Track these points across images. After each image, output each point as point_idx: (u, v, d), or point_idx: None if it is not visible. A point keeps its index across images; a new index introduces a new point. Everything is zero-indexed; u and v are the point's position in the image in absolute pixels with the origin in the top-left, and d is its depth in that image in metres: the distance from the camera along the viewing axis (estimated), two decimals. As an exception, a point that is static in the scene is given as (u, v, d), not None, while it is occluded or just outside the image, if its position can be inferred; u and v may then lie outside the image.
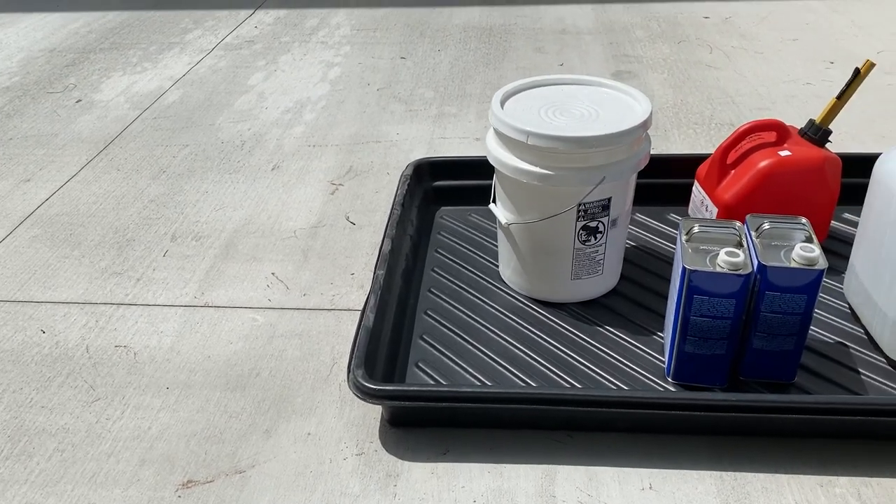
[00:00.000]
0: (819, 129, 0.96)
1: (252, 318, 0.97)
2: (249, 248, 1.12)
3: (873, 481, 0.72)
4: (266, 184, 1.28)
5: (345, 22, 2.06)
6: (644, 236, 1.09)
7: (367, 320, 0.83)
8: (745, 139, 0.97)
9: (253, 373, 0.89)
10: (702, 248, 0.79)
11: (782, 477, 0.73)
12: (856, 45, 1.74)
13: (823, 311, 0.92)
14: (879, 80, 1.57)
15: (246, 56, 1.85)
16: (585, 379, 0.84)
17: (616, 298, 0.97)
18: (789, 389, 0.81)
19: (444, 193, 1.18)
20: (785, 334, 0.79)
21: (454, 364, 0.87)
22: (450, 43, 1.88)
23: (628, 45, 1.81)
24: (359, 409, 0.82)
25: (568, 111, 0.91)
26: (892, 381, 0.82)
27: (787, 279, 0.75)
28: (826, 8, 2.00)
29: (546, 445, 0.78)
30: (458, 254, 1.07)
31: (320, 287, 1.02)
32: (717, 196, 0.98)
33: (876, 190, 0.84)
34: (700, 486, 0.73)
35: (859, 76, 0.94)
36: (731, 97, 1.51)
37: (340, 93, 1.62)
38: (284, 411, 0.83)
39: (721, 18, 1.96)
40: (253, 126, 1.49)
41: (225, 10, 2.19)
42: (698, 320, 0.78)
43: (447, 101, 1.56)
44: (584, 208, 0.89)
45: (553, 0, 2.17)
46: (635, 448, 0.77)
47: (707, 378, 0.82)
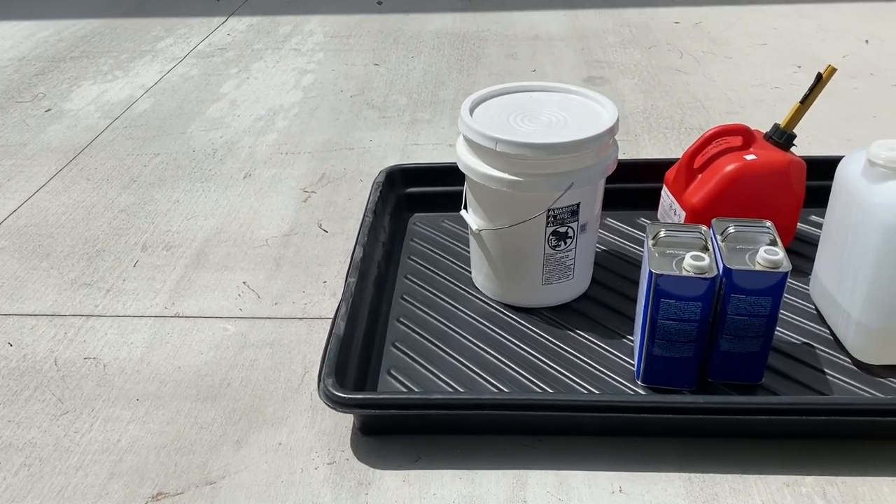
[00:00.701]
0: (784, 134, 0.98)
1: (223, 328, 0.97)
2: (221, 257, 1.11)
3: (838, 480, 0.73)
4: (238, 192, 1.28)
5: (318, 29, 2.06)
6: (615, 240, 1.10)
7: (338, 328, 0.83)
8: (712, 144, 0.98)
9: (224, 383, 0.88)
10: (668, 252, 0.80)
11: (750, 477, 0.74)
12: (822, 50, 1.77)
13: (790, 312, 0.94)
14: (845, 83, 1.59)
15: (218, 64, 1.84)
16: (556, 383, 0.85)
17: (587, 303, 0.98)
18: (757, 391, 0.82)
19: (416, 200, 1.18)
20: (751, 336, 0.80)
21: (426, 371, 0.87)
22: (423, 49, 1.88)
23: (600, 51, 1.82)
24: (330, 418, 0.82)
25: (536, 118, 0.92)
26: (857, 381, 0.83)
27: (752, 282, 0.76)
28: (794, 13, 2.03)
29: (517, 450, 0.78)
30: (431, 260, 1.07)
31: (292, 296, 1.02)
32: (684, 200, 0.99)
33: (838, 193, 0.85)
34: (669, 489, 0.73)
35: (821, 81, 0.96)
36: (700, 102, 1.53)
37: (313, 100, 1.62)
38: (255, 421, 0.83)
39: (691, 23, 1.98)
40: (225, 134, 1.48)
41: (197, 17, 2.18)
42: (666, 324, 0.79)
43: (420, 107, 1.57)
44: (553, 214, 0.90)
45: (526, 6, 2.18)
46: (605, 451, 0.77)
47: (676, 381, 0.82)
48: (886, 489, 0.72)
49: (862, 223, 0.80)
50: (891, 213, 0.76)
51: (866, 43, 1.81)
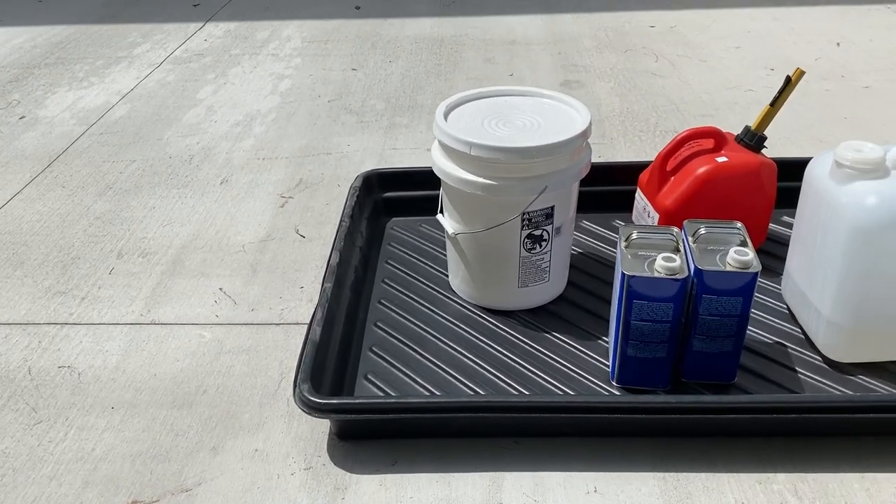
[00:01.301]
0: (755, 136, 0.99)
1: (199, 335, 0.97)
2: (197, 263, 1.11)
3: (809, 477, 0.74)
4: (214, 198, 1.27)
5: (296, 34, 2.05)
6: (590, 243, 1.11)
7: (314, 334, 0.83)
8: (684, 146, 0.99)
9: (200, 390, 0.88)
10: (640, 253, 0.80)
11: (723, 476, 0.75)
12: (795, 53, 1.80)
13: (762, 312, 0.95)
14: (817, 85, 1.62)
15: (195, 69, 1.83)
16: (533, 385, 0.85)
17: (563, 305, 0.99)
18: (730, 390, 0.83)
19: (394, 204, 1.18)
20: (723, 336, 0.81)
21: (403, 375, 0.87)
22: (401, 54, 1.88)
23: (576, 55, 1.84)
24: (307, 424, 0.82)
25: (510, 122, 0.93)
26: (828, 379, 0.84)
27: (722, 282, 0.77)
28: (767, 16, 2.06)
29: (494, 453, 0.78)
30: (408, 264, 1.07)
31: (269, 301, 1.02)
32: (658, 202, 1.00)
33: (807, 193, 0.87)
34: (644, 488, 0.74)
35: (791, 84, 0.97)
36: (675, 105, 1.55)
37: (291, 105, 1.62)
38: (232, 428, 0.83)
39: (666, 27, 2.00)
40: (202, 140, 1.48)
41: (174, 23, 2.17)
42: (639, 324, 0.80)
43: (398, 112, 1.57)
44: (528, 217, 0.90)
45: (503, 11, 2.19)
46: (581, 452, 0.78)
47: (650, 381, 0.83)
48: (856, 485, 0.74)
49: (830, 223, 0.81)
50: (857, 213, 0.78)
51: (837, 46, 1.84)
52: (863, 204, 0.78)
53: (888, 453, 0.76)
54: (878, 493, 0.73)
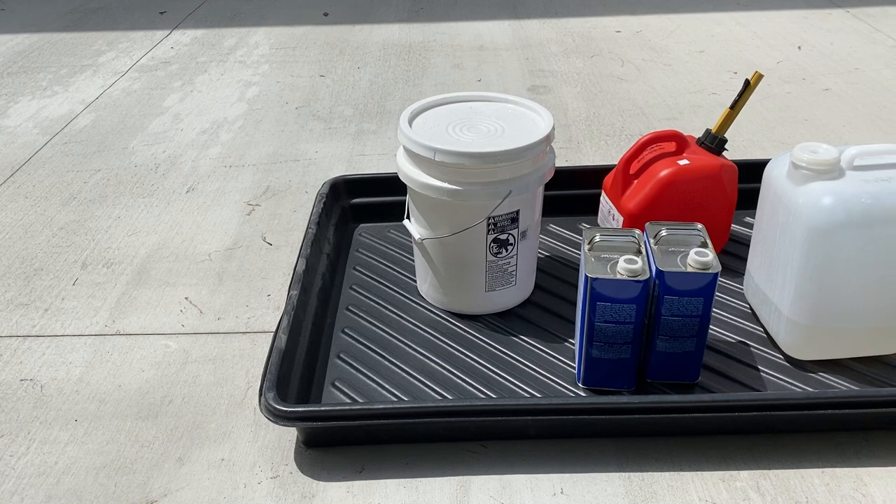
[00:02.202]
0: (715, 138, 1.01)
1: (165, 345, 0.96)
2: (163, 273, 1.10)
3: (771, 473, 0.76)
4: (181, 206, 1.26)
5: (263, 41, 2.05)
6: (557, 246, 1.12)
7: (280, 342, 0.83)
8: (647, 150, 1.01)
9: (165, 400, 0.87)
10: (603, 256, 0.81)
11: (687, 474, 0.76)
12: (757, 56, 1.83)
13: (725, 311, 0.96)
14: (779, 88, 1.65)
15: (161, 77, 1.82)
16: (500, 389, 0.86)
17: (530, 308, 0.99)
18: (694, 389, 0.84)
19: (362, 210, 1.18)
20: (686, 336, 0.82)
21: (371, 381, 0.87)
22: (369, 60, 1.89)
23: (544, 60, 1.85)
24: (274, 433, 0.82)
25: (475, 127, 0.93)
26: (789, 377, 0.86)
27: (683, 283, 0.79)
28: (731, 21, 2.09)
29: (461, 457, 0.78)
30: (376, 270, 1.07)
31: (235, 310, 1.01)
32: (622, 205, 1.01)
33: (766, 194, 0.88)
34: (609, 488, 0.75)
35: (749, 87, 0.99)
36: (641, 109, 1.56)
37: (258, 112, 1.61)
38: (198, 438, 0.82)
39: (632, 32, 2.03)
40: (168, 148, 1.47)
41: (140, 31, 2.15)
42: (603, 326, 0.80)
43: (366, 118, 1.57)
44: (493, 221, 0.91)
45: (471, 17, 2.20)
46: (547, 454, 0.78)
47: (615, 382, 0.84)
48: (816, 480, 0.75)
49: (788, 223, 0.82)
50: (814, 214, 0.79)
51: (799, 49, 1.87)
52: (819, 204, 0.79)
53: (847, 448, 0.78)
54: (838, 487, 0.74)
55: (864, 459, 0.77)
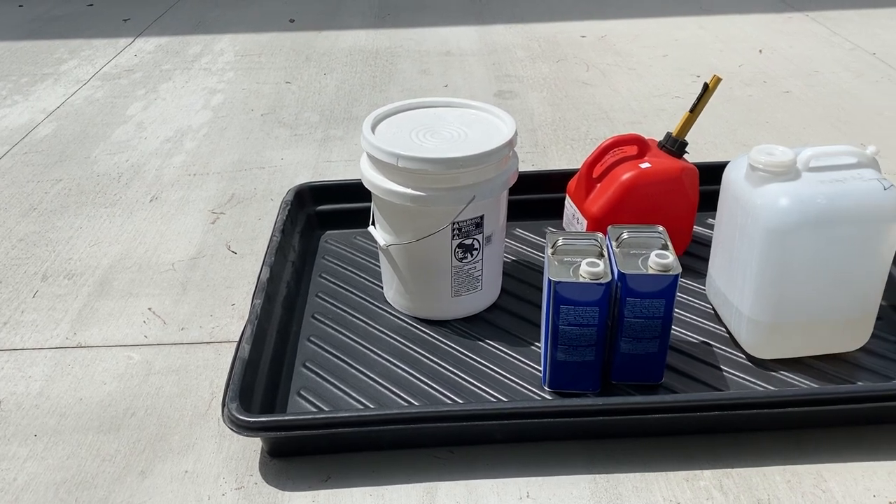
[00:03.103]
0: (676, 142, 1.02)
1: (127, 357, 0.94)
2: (125, 283, 1.08)
3: (734, 472, 0.77)
4: (144, 216, 1.25)
5: (228, 48, 2.03)
6: (523, 250, 1.12)
7: (243, 351, 0.82)
8: (609, 153, 1.01)
9: (128, 413, 0.86)
10: (566, 259, 0.82)
11: (651, 475, 0.76)
12: (720, 60, 1.86)
13: (688, 312, 0.97)
14: (740, 91, 1.67)
15: (125, 86, 1.80)
16: (466, 394, 0.86)
17: (497, 312, 1.00)
18: (658, 390, 0.85)
19: (328, 217, 1.18)
20: (649, 338, 0.82)
21: (337, 390, 0.87)
22: (336, 66, 1.88)
23: (510, 65, 1.86)
24: (238, 443, 0.81)
25: (438, 133, 0.93)
26: (751, 376, 0.87)
27: (645, 285, 0.79)
28: (693, 25, 2.12)
29: (428, 463, 0.78)
30: (342, 278, 1.07)
31: (199, 320, 1.00)
32: (585, 209, 1.02)
33: (725, 196, 0.89)
34: (575, 491, 0.75)
35: (708, 90, 1.01)
36: (605, 113, 1.58)
37: (223, 119, 1.60)
38: (161, 450, 0.81)
39: (597, 37, 2.05)
40: (131, 157, 1.45)
41: (103, 38, 2.13)
42: (567, 329, 0.81)
43: (333, 124, 1.57)
44: (458, 227, 0.91)
45: (438, 23, 2.21)
46: (514, 458, 0.78)
47: (580, 384, 0.85)
48: (778, 477, 0.76)
49: (746, 224, 0.84)
50: (771, 214, 0.81)
51: (760, 52, 1.90)
52: (776, 205, 0.80)
53: (807, 445, 0.79)
54: (799, 484, 0.75)
55: (824, 456, 0.78)
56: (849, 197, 0.80)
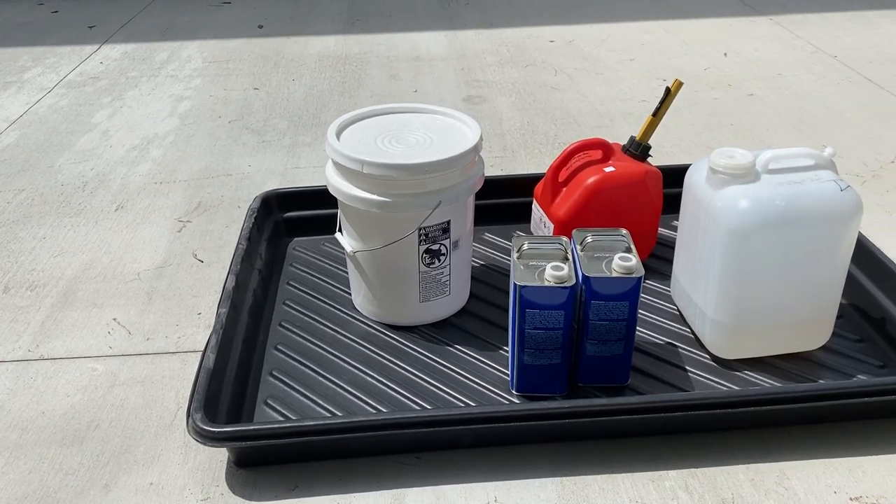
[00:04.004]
0: (640, 145, 1.03)
1: (91, 368, 0.93)
2: (90, 294, 1.07)
3: (699, 472, 0.77)
4: (109, 225, 1.23)
5: (196, 55, 2.02)
6: (492, 254, 1.13)
7: (208, 361, 0.81)
8: (574, 158, 1.02)
9: (92, 425, 0.85)
10: (531, 263, 0.82)
11: (618, 476, 0.77)
12: (686, 64, 1.88)
13: (654, 314, 0.98)
14: (706, 94, 1.69)
15: (90, 93, 1.77)
16: (435, 399, 0.86)
17: (466, 317, 1.00)
18: (624, 392, 0.86)
19: (296, 224, 1.17)
20: (614, 340, 0.83)
21: (304, 398, 0.86)
22: (304, 72, 1.88)
23: (479, 71, 1.87)
24: (204, 454, 0.80)
25: (403, 139, 0.94)
26: (715, 376, 0.88)
27: (609, 288, 0.80)
28: (660, 29, 2.14)
29: (395, 470, 0.78)
30: (310, 285, 1.06)
31: (165, 330, 0.99)
32: (552, 213, 1.02)
33: (687, 199, 0.90)
34: (542, 494, 0.75)
35: (670, 94, 1.02)
36: (573, 117, 1.59)
37: (190, 127, 1.58)
38: (125, 463, 0.80)
39: (565, 42, 2.06)
40: (96, 166, 1.43)
41: (68, 46, 2.10)
42: (533, 332, 0.81)
43: (301, 130, 1.56)
44: (424, 232, 0.91)
45: (407, 28, 2.21)
46: (481, 463, 0.79)
47: (547, 387, 0.85)
48: (742, 476, 0.77)
49: (708, 226, 0.85)
50: (732, 216, 0.82)
51: (725, 56, 1.93)
52: (736, 207, 0.82)
53: (770, 444, 0.80)
54: (762, 482, 0.76)
55: (787, 454, 0.79)
56: (806, 198, 0.81)
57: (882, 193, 1.28)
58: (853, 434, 0.81)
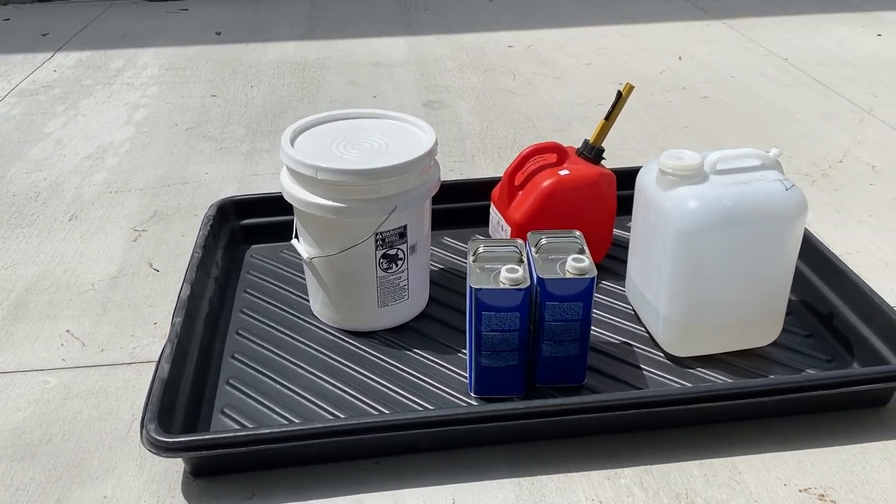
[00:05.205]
0: (593, 149, 1.04)
1: (43, 381, 0.91)
2: (42, 305, 1.05)
3: (653, 468, 0.79)
4: (62, 236, 1.21)
5: (153, 62, 1.99)
6: (451, 258, 1.13)
7: (162, 371, 0.80)
8: (529, 161, 1.03)
9: (44, 439, 0.83)
10: (487, 266, 0.83)
11: (574, 475, 0.78)
12: (641, 67, 1.91)
13: (610, 314, 1.00)
14: (661, 97, 1.72)
15: (43, 102, 1.74)
16: (393, 404, 0.86)
17: (425, 321, 1.00)
18: (581, 391, 0.87)
19: (254, 231, 1.16)
20: (569, 340, 0.84)
21: (262, 406, 0.86)
22: (263, 79, 1.86)
23: (439, 76, 1.88)
24: (160, 465, 0.79)
25: (358, 144, 0.94)
26: (669, 374, 0.90)
27: (563, 289, 0.81)
28: (616, 33, 2.17)
29: (354, 476, 0.78)
30: (268, 292, 1.06)
31: (120, 340, 0.98)
32: (509, 216, 1.03)
33: (639, 200, 0.92)
34: (500, 495, 0.76)
35: (622, 98, 1.03)
36: (531, 121, 1.61)
37: (146, 135, 1.56)
38: (79, 476, 0.79)
39: (524, 46, 2.08)
40: (49, 175, 1.41)
41: (20, 53, 2.06)
42: (489, 335, 0.82)
43: (259, 137, 1.55)
44: (381, 237, 0.91)
45: (367, 33, 2.21)
46: (440, 466, 0.79)
47: (505, 389, 0.86)
48: (695, 471, 0.78)
49: (659, 227, 0.86)
50: (681, 217, 0.83)
51: (680, 59, 1.96)
52: (685, 208, 0.83)
53: (723, 439, 0.82)
54: (715, 476, 0.78)
55: (739, 448, 0.81)
56: (753, 197, 0.83)
57: (831, 192, 1.32)
58: (803, 427, 0.83)
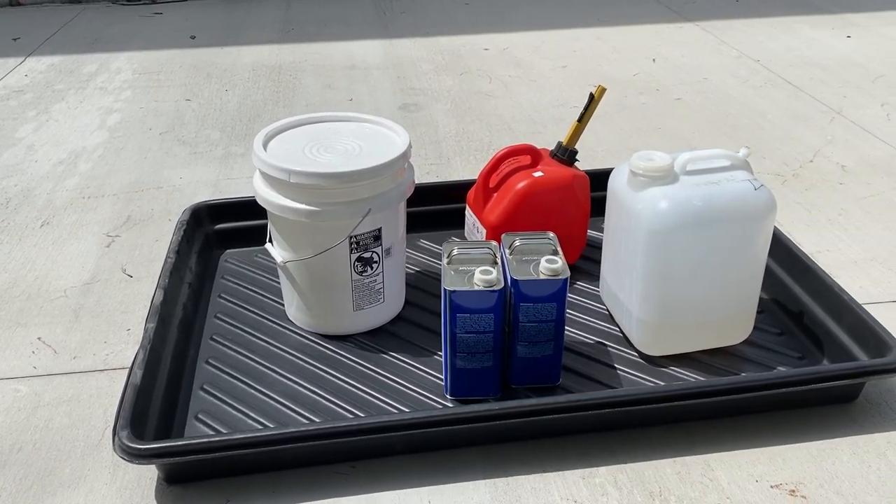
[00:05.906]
0: (566, 150, 1.05)
1: (14, 390, 0.90)
2: (13, 313, 1.04)
3: (628, 467, 0.79)
4: (34, 242, 1.20)
5: (126, 66, 1.98)
6: (427, 261, 1.13)
7: (135, 377, 0.80)
8: (504, 164, 1.04)
9: (14, 448, 0.82)
10: (461, 268, 0.83)
11: (549, 475, 0.78)
12: (616, 70, 1.92)
13: (584, 314, 1.00)
14: (635, 99, 1.74)
15: (14, 107, 1.72)
16: (369, 407, 0.86)
17: (401, 324, 1.00)
18: (556, 391, 0.87)
19: (228, 236, 1.16)
20: (544, 341, 0.85)
21: (236, 411, 0.85)
22: (238, 82, 1.86)
23: (415, 79, 1.88)
24: (133, 472, 0.79)
25: (332, 147, 0.94)
26: (643, 373, 0.90)
27: (537, 290, 0.81)
28: (591, 36, 2.19)
29: (329, 480, 0.78)
30: (243, 297, 1.05)
31: (93, 347, 0.97)
32: (484, 218, 1.04)
33: (611, 201, 0.93)
34: (475, 496, 0.76)
35: (594, 100, 1.04)
36: (507, 124, 1.61)
37: (119, 140, 1.55)
38: (50, 485, 0.78)
39: (499, 49, 2.09)
40: (20, 181, 1.39)
41: (-10, 58, 2.04)
42: (464, 336, 0.82)
43: (234, 141, 1.54)
44: (356, 240, 0.91)
45: (343, 37, 2.21)
46: (415, 469, 0.79)
47: (481, 390, 0.86)
48: (669, 469, 0.79)
49: (630, 228, 0.87)
50: (652, 217, 0.84)
51: (653, 62, 1.98)
52: (656, 208, 0.84)
53: (696, 437, 0.83)
54: (688, 474, 0.78)
55: (711, 446, 0.82)
56: (723, 198, 0.84)
57: (801, 192, 1.34)
58: (774, 424, 0.84)
